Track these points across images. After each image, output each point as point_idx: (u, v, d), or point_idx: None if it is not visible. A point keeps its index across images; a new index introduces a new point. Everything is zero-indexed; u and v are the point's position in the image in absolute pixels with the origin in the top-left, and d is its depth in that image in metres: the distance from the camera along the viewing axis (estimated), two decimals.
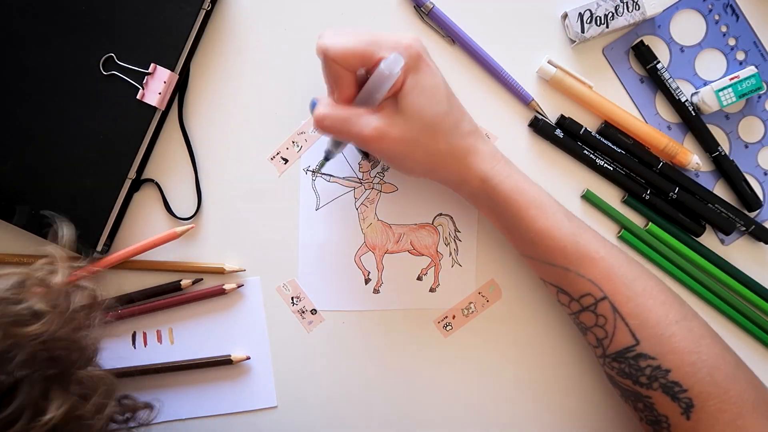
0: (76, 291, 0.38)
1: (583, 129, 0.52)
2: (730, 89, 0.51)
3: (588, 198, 0.52)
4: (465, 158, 0.44)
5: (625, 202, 0.53)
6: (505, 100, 0.52)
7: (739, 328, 0.54)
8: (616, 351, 0.44)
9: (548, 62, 0.51)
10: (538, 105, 0.52)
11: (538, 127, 0.52)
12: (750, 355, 0.54)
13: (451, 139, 0.43)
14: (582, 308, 0.45)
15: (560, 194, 0.53)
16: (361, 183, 0.52)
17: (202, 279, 0.51)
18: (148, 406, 0.43)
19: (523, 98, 0.52)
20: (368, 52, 0.40)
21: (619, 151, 0.52)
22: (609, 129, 0.52)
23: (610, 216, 0.53)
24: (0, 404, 0.30)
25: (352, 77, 0.42)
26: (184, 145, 0.51)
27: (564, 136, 0.52)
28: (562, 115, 0.52)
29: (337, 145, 0.48)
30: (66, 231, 0.42)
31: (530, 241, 0.45)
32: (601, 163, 0.52)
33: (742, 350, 0.54)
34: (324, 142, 0.50)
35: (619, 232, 0.53)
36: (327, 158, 0.49)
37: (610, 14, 0.50)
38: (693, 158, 0.52)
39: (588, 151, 0.52)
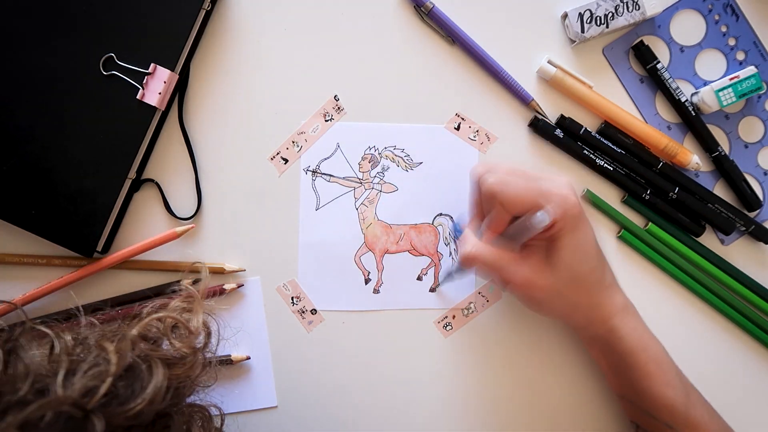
0: (203, 332, 0.41)
1: (583, 129, 0.52)
2: (730, 89, 0.51)
3: (588, 198, 0.52)
4: (600, 309, 0.45)
5: (624, 202, 0.53)
6: (505, 100, 0.52)
7: (738, 328, 0.54)
8: None
9: (548, 62, 0.51)
10: (538, 105, 0.52)
11: (538, 127, 0.52)
12: (749, 356, 0.54)
13: (592, 292, 0.45)
14: None
15: None
16: (361, 183, 0.52)
17: (202, 279, 0.51)
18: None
19: (523, 98, 0.52)
20: (535, 204, 0.42)
21: (619, 151, 0.52)
22: (609, 129, 0.52)
23: (610, 216, 0.53)
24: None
25: (509, 219, 0.43)
26: (184, 145, 0.51)
27: (564, 136, 0.52)
28: (562, 115, 0.52)
29: (463, 272, 0.50)
30: (206, 273, 0.44)
31: (640, 392, 0.46)
32: (601, 163, 0.52)
33: (741, 351, 0.54)
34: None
35: (619, 232, 0.53)
36: (448, 277, 0.51)
37: (610, 14, 0.50)
38: (693, 158, 0.52)
39: (588, 150, 0.52)
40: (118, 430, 0.31)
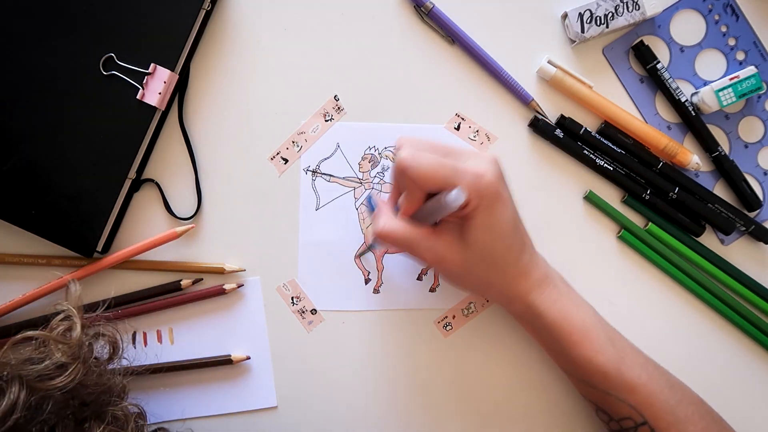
0: (96, 339, 0.42)
1: (583, 129, 0.52)
2: (730, 89, 0.51)
3: (590, 199, 0.52)
4: (514, 284, 0.45)
5: (625, 202, 0.53)
6: (506, 100, 0.52)
7: (738, 329, 0.54)
8: None
9: (548, 62, 0.51)
10: (538, 105, 0.52)
11: (538, 126, 0.52)
12: (748, 356, 0.54)
13: (505, 270, 0.44)
14: (621, 429, 0.45)
15: (560, 194, 0.53)
16: (361, 183, 0.52)
17: (202, 279, 0.51)
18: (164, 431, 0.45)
19: (523, 98, 0.52)
20: (448, 181, 0.40)
21: (619, 151, 0.52)
22: (609, 129, 0.52)
23: (610, 216, 0.53)
24: None
25: (423, 196, 0.42)
26: (184, 145, 0.51)
27: (564, 136, 0.52)
28: (562, 115, 0.52)
29: (382, 245, 0.50)
30: (76, 287, 0.44)
31: (573, 363, 0.46)
32: (601, 163, 0.52)
33: (740, 351, 0.54)
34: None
35: (619, 232, 0.53)
36: (370, 248, 0.52)
37: (610, 14, 0.50)
38: (693, 158, 0.52)
39: (588, 150, 0.52)
40: None
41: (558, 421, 0.54)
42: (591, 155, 0.52)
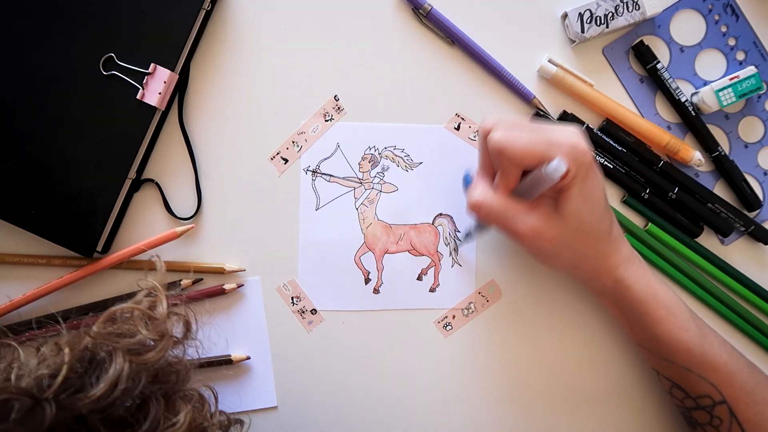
0: (174, 318, 0.42)
1: (584, 126, 0.52)
2: (730, 89, 0.51)
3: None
4: (607, 259, 0.45)
5: (625, 201, 0.53)
6: (507, 99, 0.52)
7: (737, 330, 0.54)
8: None
9: (549, 61, 0.51)
10: (540, 102, 0.52)
11: None
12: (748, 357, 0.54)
13: (599, 243, 0.44)
14: (697, 406, 0.46)
15: None
16: (361, 183, 0.52)
17: (202, 279, 0.51)
18: (240, 422, 0.45)
19: (524, 96, 0.52)
20: (545, 155, 0.40)
21: (620, 149, 0.52)
22: (610, 126, 0.52)
23: None
24: (137, 419, 0.35)
25: (519, 173, 0.42)
26: (184, 145, 0.51)
27: None
28: (564, 111, 0.52)
29: (482, 229, 0.49)
30: (161, 263, 0.44)
31: (654, 338, 0.46)
32: (601, 160, 0.52)
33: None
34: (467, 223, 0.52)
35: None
36: (468, 236, 0.51)
37: (610, 14, 0.50)
38: (695, 155, 0.52)
39: None
40: (93, 416, 0.33)
41: (558, 422, 0.54)
42: None
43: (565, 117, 0.52)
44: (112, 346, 0.36)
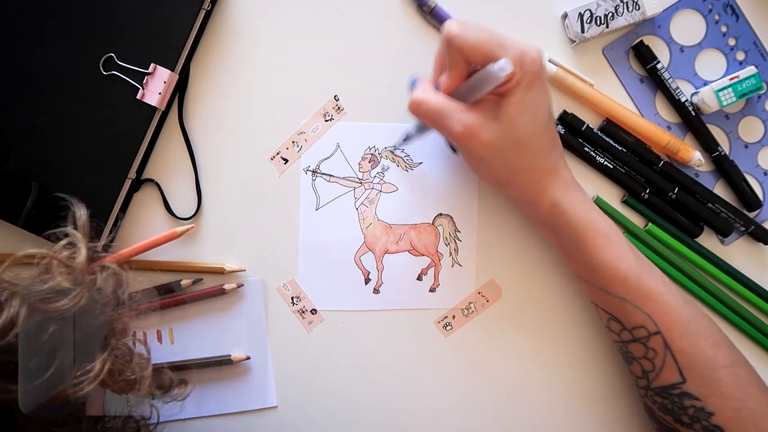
0: (101, 271, 0.41)
1: (585, 126, 0.52)
2: (730, 89, 0.51)
3: (596, 204, 0.52)
4: (541, 180, 0.44)
5: (625, 202, 0.53)
6: None
7: (738, 330, 0.54)
8: (661, 386, 0.45)
9: (549, 61, 0.51)
10: None
11: None
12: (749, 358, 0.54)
13: (534, 160, 0.44)
14: (633, 339, 0.45)
15: None
16: (361, 183, 0.52)
17: (202, 279, 0.51)
18: (184, 382, 0.45)
19: None
20: (494, 52, 0.40)
21: (620, 148, 0.52)
22: (611, 126, 0.52)
23: (611, 217, 0.53)
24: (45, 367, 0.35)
25: (467, 69, 0.42)
26: (184, 145, 0.51)
27: (565, 132, 0.52)
28: (564, 111, 0.52)
29: (422, 130, 0.48)
30: (82, 212, 0.43)
31: (591, 268, 0.45)
32: (601, 160, 0.52)
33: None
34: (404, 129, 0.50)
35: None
36: (406, 140, 0.50)
37: (610, 14, 0.50)
38: (695, 155, 0.52)
39: (588, 148, 0.52)
40: None
41: (559, 421, 0.54)
42: (591, 152, 0.52)
43: (566, 117, 0.52)
44: (11, 291, 0.35)
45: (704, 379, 0.43)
